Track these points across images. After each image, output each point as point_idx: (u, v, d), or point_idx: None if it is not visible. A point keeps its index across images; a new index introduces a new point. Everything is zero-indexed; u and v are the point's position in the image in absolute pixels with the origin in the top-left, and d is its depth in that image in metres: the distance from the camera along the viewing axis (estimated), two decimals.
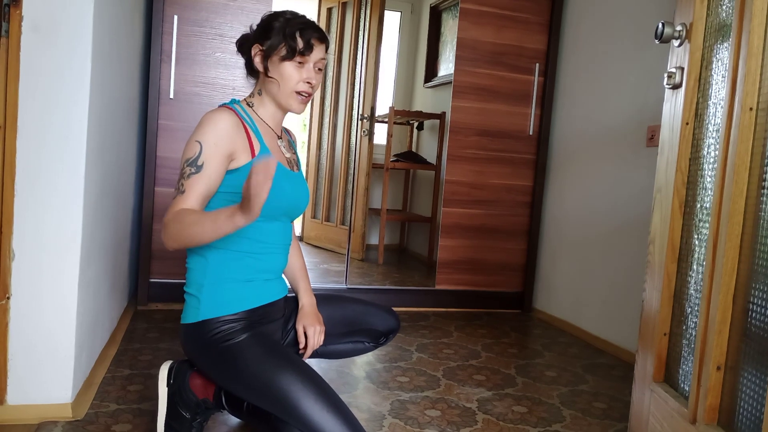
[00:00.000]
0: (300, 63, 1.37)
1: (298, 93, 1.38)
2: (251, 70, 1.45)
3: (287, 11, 1.41)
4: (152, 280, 2.68)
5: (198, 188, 1.25)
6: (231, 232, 1.14)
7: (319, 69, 1.41)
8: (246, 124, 1.36)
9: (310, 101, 1.56)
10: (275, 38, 1.36)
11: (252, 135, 1.36)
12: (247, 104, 1.44)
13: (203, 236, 1.16)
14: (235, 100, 1.43)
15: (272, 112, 1.44)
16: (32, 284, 1.49)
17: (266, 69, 1.39)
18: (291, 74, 1.37)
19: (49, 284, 1.51)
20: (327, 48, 1.43)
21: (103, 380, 1.83)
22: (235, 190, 1.32)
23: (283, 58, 1.36)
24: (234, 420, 1.63)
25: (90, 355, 1.77)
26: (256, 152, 1.34)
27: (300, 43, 1.35)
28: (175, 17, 2.59)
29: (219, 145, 1.27)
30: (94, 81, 1.56)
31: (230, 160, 1.31)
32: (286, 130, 1.59)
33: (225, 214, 1.12)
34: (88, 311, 1.68)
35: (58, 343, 1.53)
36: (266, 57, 1.38)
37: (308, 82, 1.38)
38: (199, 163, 1.26)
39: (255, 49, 1.39)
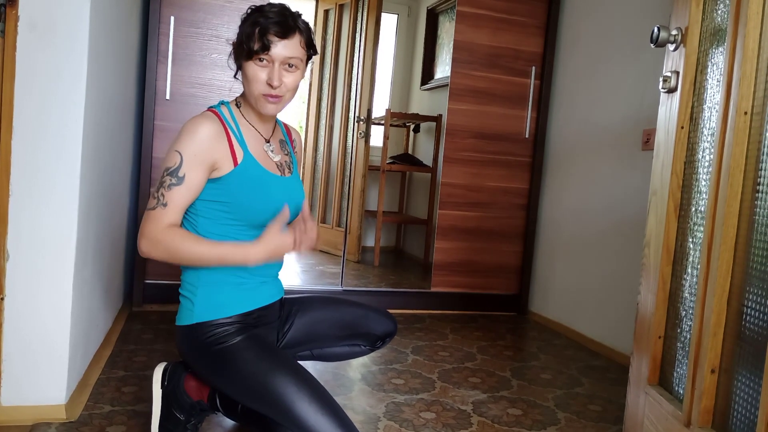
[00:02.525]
0: (264, 62, 1.28)
1: (264, 96, 1.31)
2: None
3: (267, 5, 1.32)
4: (147, 281, 2.67)
5: (179, 201, 1.26)
6: (236, 264, 1.28)
7: (290, 66, 1.30)
8: (229, 130, 1.32)
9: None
10: (238, 36, 1.31)
11: (235, 142, 1.32)
12: (236, 105, 1.40)
13: (201, 260, 1.27)
14: (223, 101, 1.39)
15: (256, 114, 1.39)
16: (27, 285, 1.49)
17: (237, 69, 1.36)
18: (254, 75, 1.29)
19: (44, 285, 1.50)
20: (305, 40, 1.32)
21: (97, 381, 1.82)
22: (217, 199, 1.31)
23: (244, 59, 1.30)
24: (228, 422, 1.62)
25: (84, 356, 1.76)
26: (239, 160, 1.32)
27: (255, 43, 1.26)
28: (172, 18, 2.59)
29: (198, 155, 1.26)
30: (91, 81, 1.55)
31: (212, 170, 1.29)
32: (285, 128, 1.54)
33: (239, 247, 1.27)
34: (82, 312, 1.67)
35: (52, 344, 1.52)
36: (235, 57, 1.35)
37: (269, 84, 1.29)
38: (180, 174, 1.25)
39: (232, 48, 1.36)
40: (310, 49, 1.35)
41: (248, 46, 1.28)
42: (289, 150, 1.51)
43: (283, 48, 1.28)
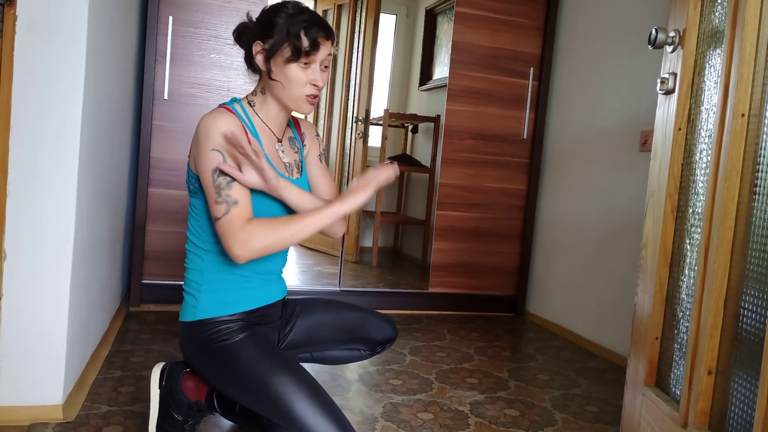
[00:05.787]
0: (306, 64, 1.28)
1: (306, 96, 1.31)
2: (252, 64, 1.36)
3: (290, 3, 1.30)
4: (145, 281, 2.67)
5: (245, 193, 1.23)
6: (330, 222, 1.26)
7: (326, 67, 1.32)
8: (245, 127, 1.30)
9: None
10: (278, 37, 1.27)
11: (252, 139, 1.31)
12: (249, 103, 1.37)
13: (300, 233, 1.24)
14: (235, 99, 1.37)
15: (275, 113, 1.37)
16: (24, 285, 1.48)
17: (269, 70, 1.31)
18: (297, 76, 1.29)
19: (42, 285, 1.50)
20: (333, 43, 1.34)
21: (94, 381, 1.82)
22: None
23: (288, 60, 1.27)
24: (226, 422, 1.62)
25: (82, 356, 1.76)
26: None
27: (305, 43, 1.26)
28: (170, 18, 2.59)
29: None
30: (89, 81, 1.55)
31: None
32: (296, 124, 1.51)
33: (325, 206, 1.26)
34: (80, 312, 1.67)
35: (50, 344, 1.52)
36: (269, 57, 1.30)
37: (315, 84, 1.30)
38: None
39: (257, 47, 1.31)
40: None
41: (297, 47, 1.26)
42: (299, 147, 1.49)
43: (326, 49, 1.30)
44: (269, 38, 1.28)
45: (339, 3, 3.97)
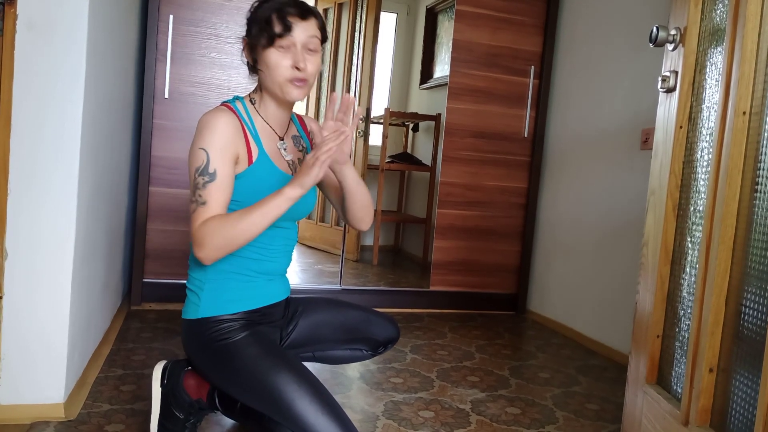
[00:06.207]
0: (284, 48, 1.26)
1: (290, 81, 1.28)
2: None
3: None
4: (146, 279, 2.67)
5: (218, 196, 1.22)
6: (284, 210, 1.20)
7: (311, 50, 1.29)
8: (245, 126, 1.31)
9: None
10: (255, 26, 1.28)
11: (250, 139, 1.31)
12: (251, 101, 1.37)
13: (253, 227, 1.19)
14: (238, 97, 1.37)
15: (274, 109, 1.37)
16: (25, 283, 1.48)
17: (254, 61, 1.32)
18: (276, 62, 1.26)
19: (43, 283, 1.50)
20: (320, 24, 1.31)
21: (95, 380, 1.82)
22: (233, 198, 1.29)
23: (264, 47, 1.26)
24: (227, 420, 1.62)
25: (83, 354, 1.76)
26: (254, 158, 1.30)
27: (276, 26, 1.25)
28: (171, 17, 2.58)
29: (223, 148, 1.24)
30: (89, 80, 1.55)
31: (235, 163, 1.28)
32: (300, 121, 1.51)
33: (275, 194, 1.19)
34: (81, 311, 1.67)
35: (51, 343, 1.52)
36: (252, 49, 1.31)
37: (296, 67, 1.27)
38: (211, 170, 1.22)
39: (243, 42, 1.34)
40: (323, 33, 1.33)
41: (269, 32, 1.25)
42: (305, 144, 1.48)
43: (304, 30, 1.27)
44: (250, 31, 1.30)
45: (339, 2, 3.96)
